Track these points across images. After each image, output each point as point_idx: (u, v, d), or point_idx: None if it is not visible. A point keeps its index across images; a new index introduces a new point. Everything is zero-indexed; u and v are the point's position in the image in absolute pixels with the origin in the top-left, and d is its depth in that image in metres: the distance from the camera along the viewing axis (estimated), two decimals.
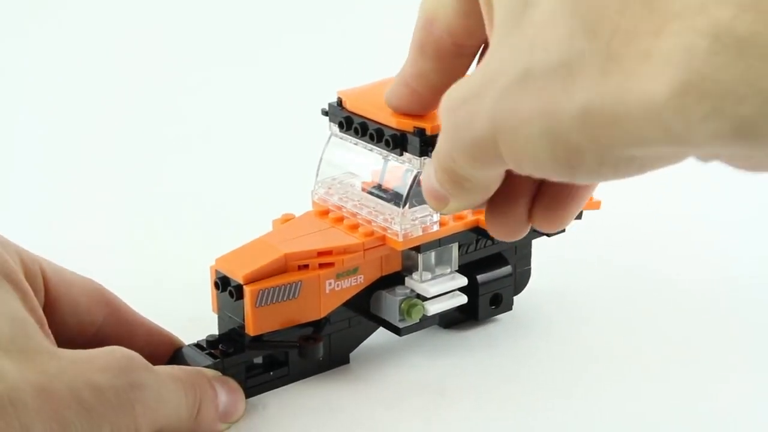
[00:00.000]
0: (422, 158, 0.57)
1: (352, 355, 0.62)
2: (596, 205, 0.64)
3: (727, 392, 0.60)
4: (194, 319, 0.64)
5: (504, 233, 0.47)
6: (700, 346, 0.64)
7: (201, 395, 0.54)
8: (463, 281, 0.61)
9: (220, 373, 0.57)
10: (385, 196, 0.62)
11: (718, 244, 0.75)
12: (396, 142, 0.58)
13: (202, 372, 0.56)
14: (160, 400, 0.51)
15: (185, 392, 0.53)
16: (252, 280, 0.57)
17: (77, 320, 0.56)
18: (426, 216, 0.59)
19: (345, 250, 0.59)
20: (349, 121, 0.60)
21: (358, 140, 0.60)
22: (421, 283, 0.60)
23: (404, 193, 0.59)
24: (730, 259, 0.73)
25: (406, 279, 0.61)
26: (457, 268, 0.61)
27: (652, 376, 0.61)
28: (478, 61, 0.48)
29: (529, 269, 0.67)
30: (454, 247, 0.61)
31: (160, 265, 0.72)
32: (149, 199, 0.80)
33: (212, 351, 0.58)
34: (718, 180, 0.84)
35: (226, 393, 0.56)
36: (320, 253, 0.58)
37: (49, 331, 0.51)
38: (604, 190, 0.65)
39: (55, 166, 0.88)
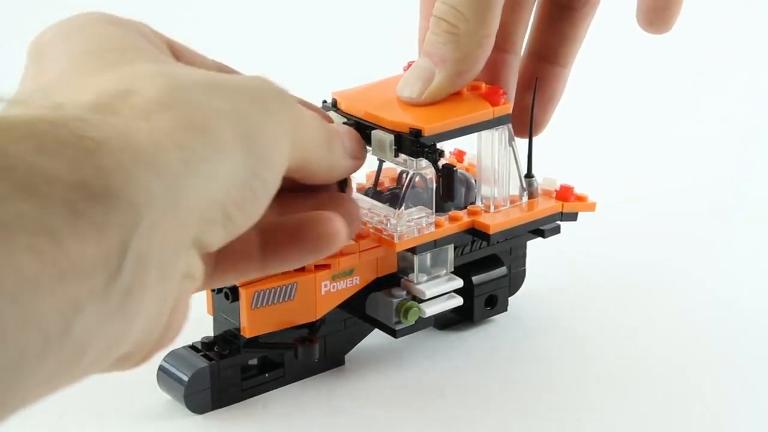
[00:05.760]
0: (417, 159, 0.57)
1: (347, 356, 0.62)
2: (591, 207, 0.64)
3: (728, 391, 0.60)
4: (190, 321, 0.64)
5: None
6: (699, 345, 0.64)
7: (332, 128, 0.51)
8: (459, 283, 0.61)
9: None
10: (380, 197, 0.61)
11: (715, 244, 0.75)
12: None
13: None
14: (304, 119, 0.47)
15: (320, 120, 0.50)
16: (247, 281, 0.57)
17: None
18: (422, 217, 0.59)
19: (341, 252, 0.59)
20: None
21: None
22: (417, 284, 0.60)
23: (399, 194, 0.59)
24: (729, 258, 0.73)
25: (402, 280, 0.60)
26: (452, 270, 0.61)
27: (650, 375, 0.61)
28: None
29: (524, 270, 0.67)
30: (450, 248, 0.61)
31: None
32: None
33: (208, 353, 0.58)
34: (714, 179, 0.84)
35: (347, 136, 0.53)
36: None
37: None
38: (600, 191, 0.65)
39: None
